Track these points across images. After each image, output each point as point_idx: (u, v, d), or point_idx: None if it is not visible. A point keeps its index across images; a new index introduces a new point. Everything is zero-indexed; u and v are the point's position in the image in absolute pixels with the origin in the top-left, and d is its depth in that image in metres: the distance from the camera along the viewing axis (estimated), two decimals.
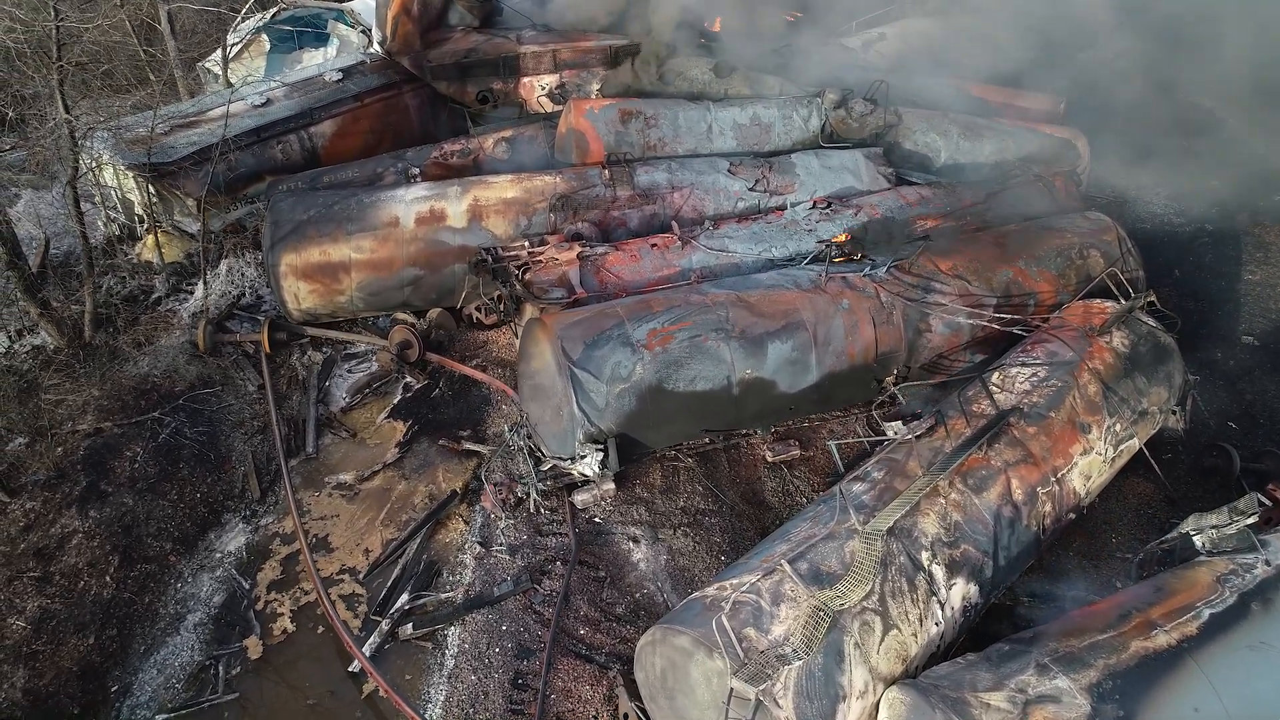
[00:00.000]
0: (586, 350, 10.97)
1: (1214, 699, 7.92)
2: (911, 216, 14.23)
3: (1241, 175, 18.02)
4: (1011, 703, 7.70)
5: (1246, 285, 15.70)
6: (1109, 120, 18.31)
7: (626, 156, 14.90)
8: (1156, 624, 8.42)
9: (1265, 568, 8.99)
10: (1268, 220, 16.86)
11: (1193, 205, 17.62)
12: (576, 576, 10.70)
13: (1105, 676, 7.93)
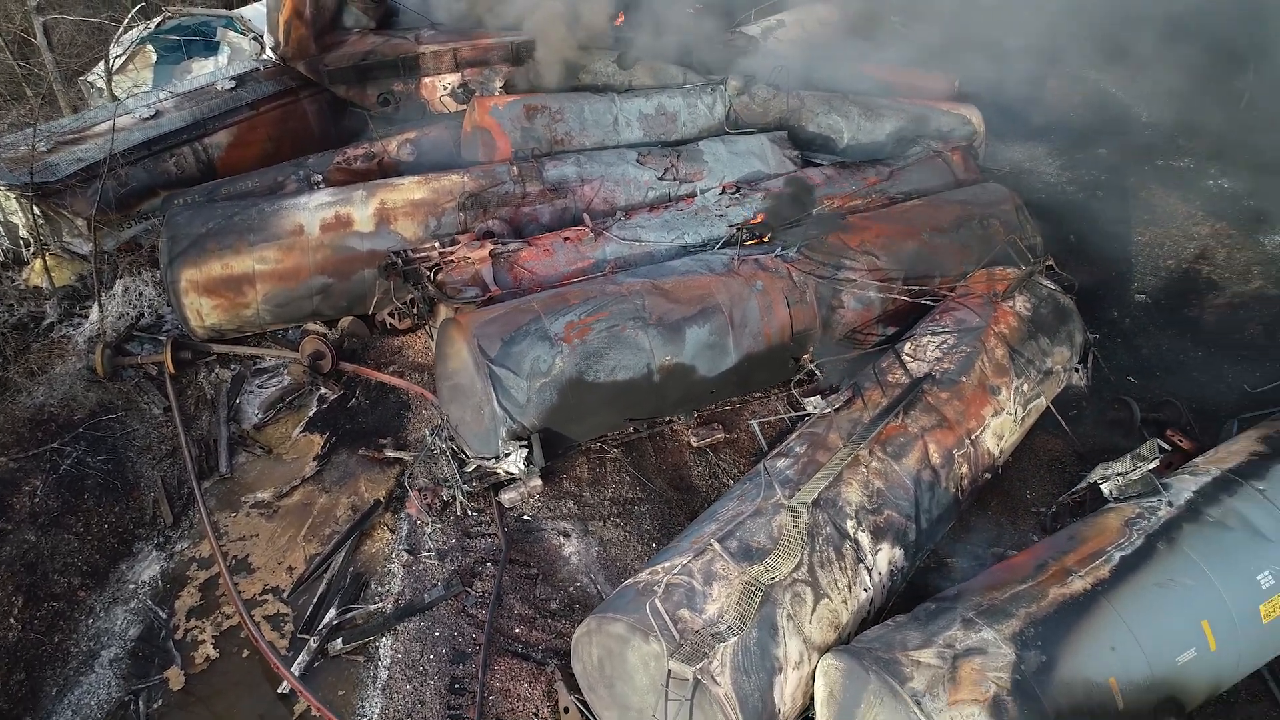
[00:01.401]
0: (504, 347, 10.87)
1: (1128, 636, 8.25)
2: (819, 196, 14.44)
3: (1127, 142, 18.83)
4: (941, 658, 7.89)
5: (1137, 246, 16.39)
6: (1002, 95, 18.90)
7: (534, 152, 14.80)
8: (1072, 570, 8.73)
9: (1168, 509, 9.39)
10: (1153, 184, 17.62)
11: (1084, 173, 18.33)
12: (508, 575, 10.59)
13: (1027, 625, 8.18)
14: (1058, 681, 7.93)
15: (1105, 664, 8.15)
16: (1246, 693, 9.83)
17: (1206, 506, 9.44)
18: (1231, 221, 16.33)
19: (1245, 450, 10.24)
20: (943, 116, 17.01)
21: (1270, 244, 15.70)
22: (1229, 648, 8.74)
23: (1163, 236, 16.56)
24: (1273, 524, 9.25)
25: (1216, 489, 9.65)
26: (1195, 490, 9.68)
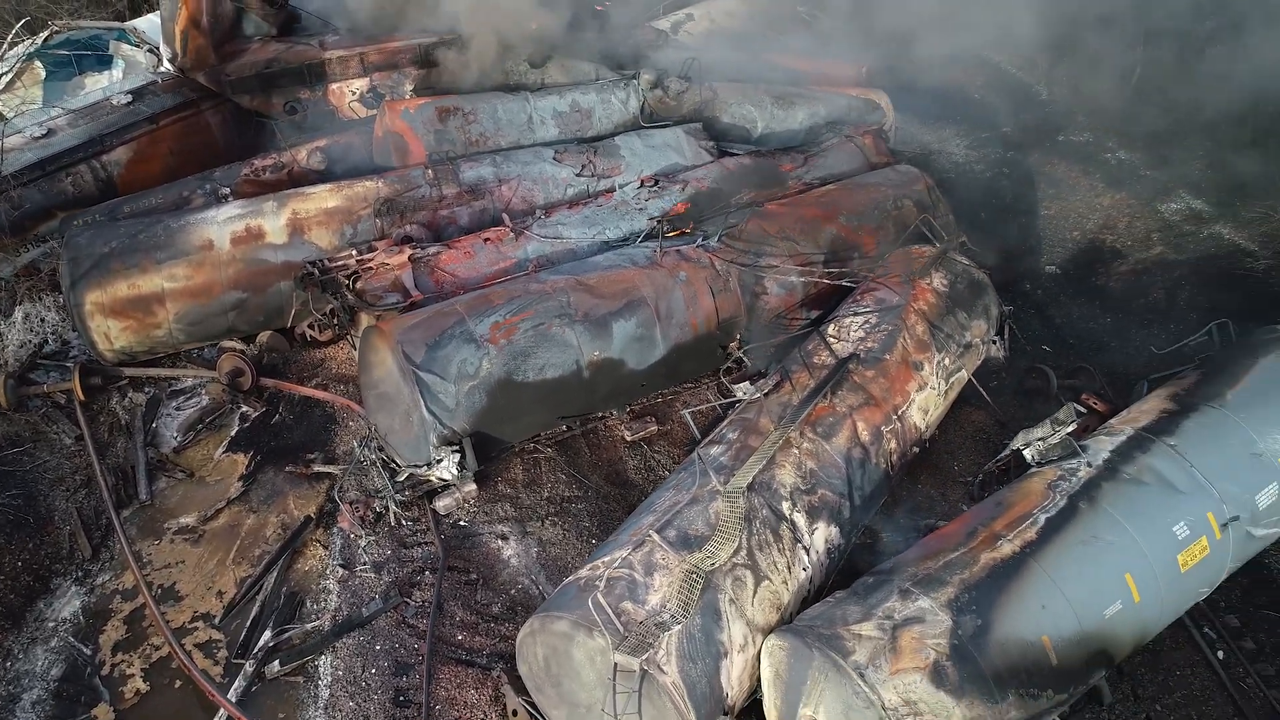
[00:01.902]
0: (429, 352, 10.70)
1: (1057, 594, 8.52)
2: (737, 186, 14.57)
3: (1029, 121, 19.45)
4: (881, 629, 8.04)
5: (1044, 219, 16.95)
6: (908, 80, 19.34)
7: (449, 154, 14.61)
8: (1000, 535, 8.98)
9: (1088, 469, 9.73)
10: (1055, 159, 18.24)
11: (990, 152, 18.88)
12: (447, 583, 10.44)
13: (961, 591, 8.39)
14: (994, 643, 8.15)
15: (1038, 622, 8.40)
16: (1171, 640, 10.24)
17: (1123, 465, 9.81)
18: (1130, 192, 16.99)
19: (1155, 409, 10.67)
20: (852, 102, 17.32)
21: (1168, 211, 16.37)
22: (1152, 598, 9.09)
23: (1067, 209, 17.15)
24: (1185, 477, 9.66)
25: (1131, 447, 10.03)
26: (1112, 450, 10.05)
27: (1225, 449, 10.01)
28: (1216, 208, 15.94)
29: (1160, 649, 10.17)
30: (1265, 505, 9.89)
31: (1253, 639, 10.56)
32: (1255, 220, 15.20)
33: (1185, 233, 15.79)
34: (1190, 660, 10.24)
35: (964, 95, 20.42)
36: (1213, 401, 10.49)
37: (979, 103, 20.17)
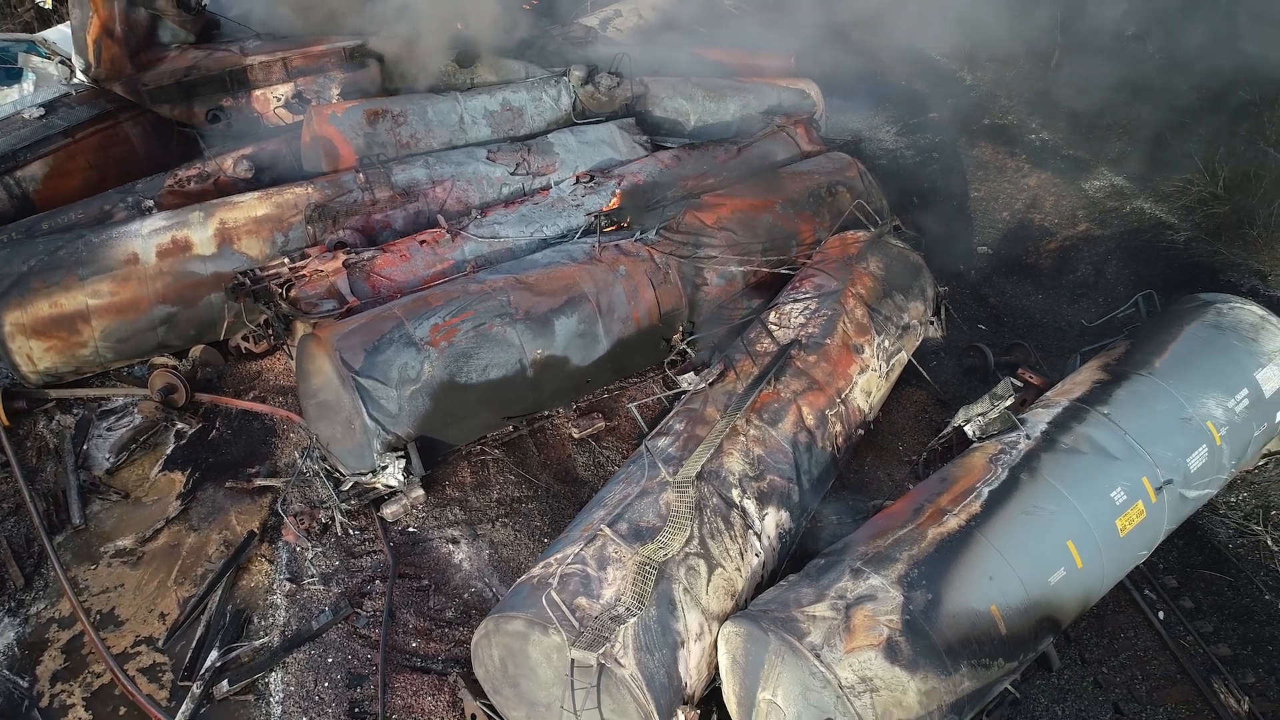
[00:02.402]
0: (369, 357, 10.52)
1: (1003, 565, 8.70)
2: (673, 179, 14.60)
3: (955, 105, 19.83)
4: (834, 609, 8.12)
5: (974, 201, 17.30)
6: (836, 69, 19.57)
7: (380, 157, 14.37)
8: (946, 510, 9.13)
9: (1027, 441, 9.95)
10: (982, 141, 18.63)
11: (919, 137, 19.21)
12: (399, 590, 10.28)
13: (911, 567, 8.51)
14: (945, 616, 8.29)
15: (986, 593, 8.57)
16: (1114, 604, 10.54)
17: (1060, 435, 10.05)
18: (1055, 171, 17.43)
19: (1089, 380, 10.96)
20: (782, 92, 17.47)
21: (1091, 189, 16.83)
22: (1093, 563, 9.33)
23: (996, 190, 17.53)
24: (1119, 444, 9.93)
25: (1067, 418, 10.29)
26: (1049, 421, 10.30)
27: (1156, 415, 10.33)
28: (1137, 183, 16.43)
29: (1104, 613, 10.45)
30: (1196, 468, 10.23)
31: (1191, 598, 10.92)
32: (1174, 194, 15.71)
33: (1109, 209, 16.25)
34: (1133, 622, 10.55)
35: (891, 83, 20.74)
36: (1142, 370, 10.81)
37: (906, 90, 20.51)
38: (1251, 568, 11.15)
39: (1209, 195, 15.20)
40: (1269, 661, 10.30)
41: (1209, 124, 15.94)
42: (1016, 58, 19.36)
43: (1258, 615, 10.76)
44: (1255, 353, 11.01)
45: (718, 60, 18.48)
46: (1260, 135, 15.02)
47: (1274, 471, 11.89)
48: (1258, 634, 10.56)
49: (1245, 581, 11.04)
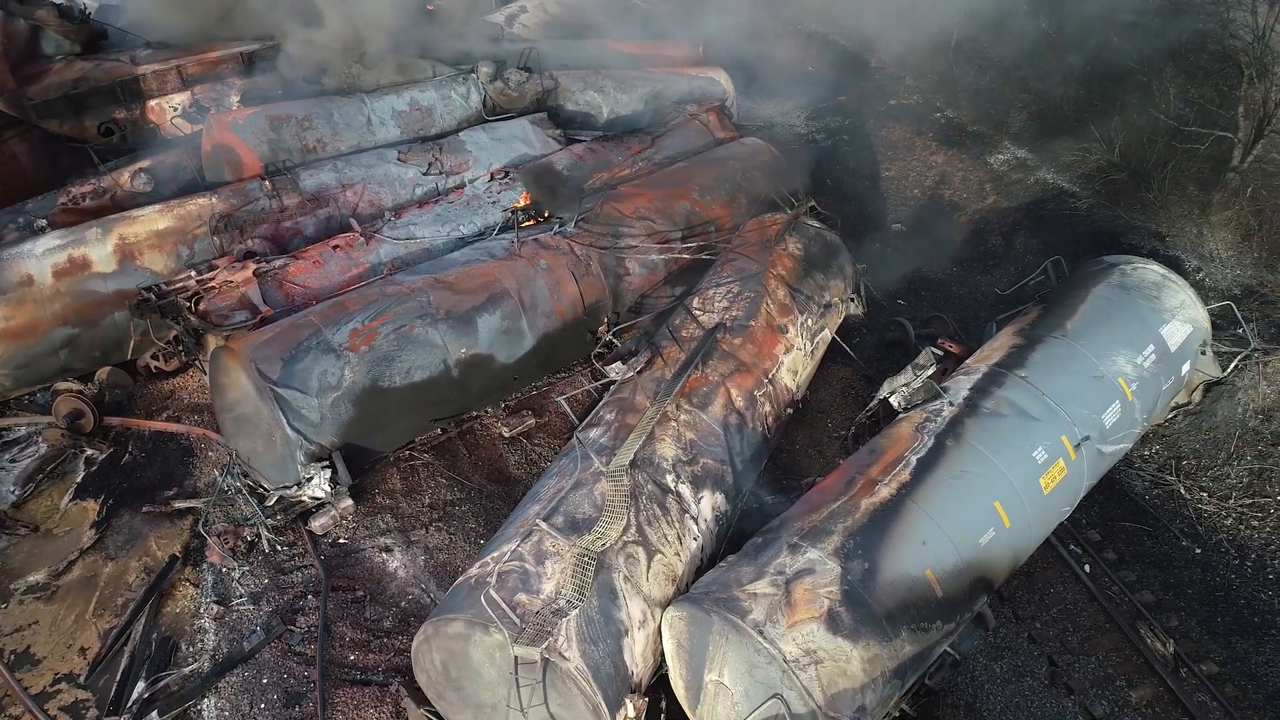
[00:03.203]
0: (286, 366, 10.21)
1: (935, 529, 8.85)
2: (588, 171, 14.53)
3: (862, 88, 20.17)
4: (774, 585, 8.15)
5: (886, 180, 17.62)
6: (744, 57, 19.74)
7: (286, 163, 13.97)
8: (877, 480, 9.26)
9: (950, 408, 10.16)
10: (890, 122, 18.99)
11: (829, 120, 19.49)
12: (333, 603, 10.00)
13: (846, 538, 8.60)
14: (882, 584, 8.40)
15: (920, 558, 8.71)
16: (1042, 561, 10.83)
17: (982, 400, 10.29)
18: (961, 148, 17.87)
19: (1005, 345, 11.24)
20: (693, 81, 17.55)
21: (996, 163, 17.30)
22: (1020, 522, 9.57)
23: (906, 169, 17.89)
24: (1038, 405, 10.21)
25: (987, 383, 10.53)
26: (970, 388, 10.52)
27: (1071, 375, 10.63)
28: (1039, 155, 16.94)
29: (1034, 570, 10.74)
30: (1111, 423, 10.57)
31: (1113, 549, 11.28)
32: (1074, 163, 16.23)
33: (1014, 181, 16.72)
34: (1061, 577, 10.86)
35: (799, 69, 21.00)
36: (1055, 333, 11.13)
37: (813, 75, 20.80)
38: (1168, 516, 11.59)
39: (1107, 163, 15.75)
40: (1189, 604, 10.72)
41: (1103, 94, 16.51)
42: (918, 39, 19.77)
43: (1176, 561, 11.19)
44: (1159, 310, 11.43)
45: (627, 52, 18.48)
46: (1150, 103, 15.61)
47: (1183, 423, 12.37)
48: (1177, 579, 10.98)
49: (1163, 530, 11.46)
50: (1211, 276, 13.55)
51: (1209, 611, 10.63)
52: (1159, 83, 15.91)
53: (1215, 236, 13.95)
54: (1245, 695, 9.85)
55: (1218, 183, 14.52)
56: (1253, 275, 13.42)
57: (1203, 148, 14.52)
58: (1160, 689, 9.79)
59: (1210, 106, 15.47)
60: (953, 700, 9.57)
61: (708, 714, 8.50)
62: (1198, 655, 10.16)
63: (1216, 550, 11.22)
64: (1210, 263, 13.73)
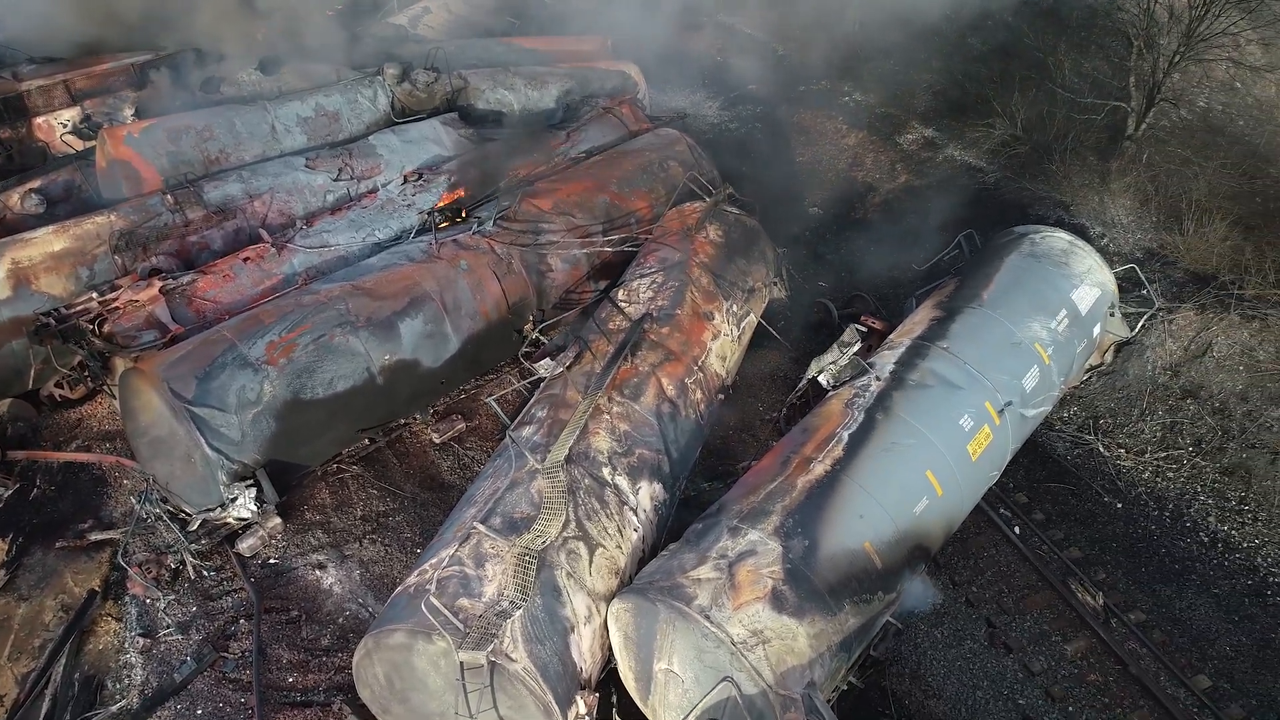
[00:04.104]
0: (201, 384, 9.83)
1: (871, 502, 8.97)
2: (505, 169, 14.35)
3: (771, 76, 20.35)
4: (718, 569, 8.15)
5: (800, 165, 17.83)
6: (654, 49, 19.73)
7: (189, 176, 13.45)
8: (811, 458, 9.34)
9: (878, 382, 10.31)
10: (800, 108, 19.21)
11: (741, 109, 19.63)
12: (267, 626, 9.68)
13: (785, 517, 8.65)
14: (823, 559, 8.47)
15: (858, 531, 8.82)
16: (974, 526, 11.08)
17: (907, 373, 10.47)
18: (871, 130, 18.18)
19: (926, 318, 11.47)
20: (604, 75, 17.47)
21: (905, 143, 17.65)
22: (952, 489, 9.77)
23: (819, 153, 18.13)
24: (961, 374, 10.43)
25: (911, 356, 10.73)
26: (895, 361, 10.71)
27: (990, 343, 10.90)
28: (945, 133, 17.33)
29: (967, 536, 10.98)
30: (1031, 387, 10.87)
31: (1040, 510, 11.62)
32: (979, 139, 16.66)
33: (923, 159, 17.08)
34: (994, 541, 11.13)
35: (708, 59, 21.10)
36: (972, 303, 11.39)
37: (723, 65, 20.90)
38: (1089, 474, 11.98)
39: (1010, 137, 16.20)
40: (1115, 557, 11.09)
41: (1002, 72, 16.97)
42: (822, 24, 20.05)
43: (1099, 517, 11.57)
44: (1069, 275, 11.80)
45: (535, 49, 18.29)
46: (1048, 77, 16.10)
47: (1098, 384, 12.80)
48: (1101, 533, 11.36)
49: (1086, 488, 11.84)
50: (1115, 241, 14.04)
51: (1133, 563, 11.03)
52: (1054, 58, 16.43)
53: (1116, 203, 14.47)
54: (1172, 639, 10.24)
55: (1115, 151, 15.07)
56: (1153, 238, 13.96)
57: (1099, 118, 15.05)
58: (1093, 640, 10.11)
59: (1103, 79, 16.04)
60: (898, 669, 9.73)
61: (660, 703, 8.47)
62: (1126, 605, 10.52)
63: (1137, 503, 11.64)
64: (1113, 228, 14.24)
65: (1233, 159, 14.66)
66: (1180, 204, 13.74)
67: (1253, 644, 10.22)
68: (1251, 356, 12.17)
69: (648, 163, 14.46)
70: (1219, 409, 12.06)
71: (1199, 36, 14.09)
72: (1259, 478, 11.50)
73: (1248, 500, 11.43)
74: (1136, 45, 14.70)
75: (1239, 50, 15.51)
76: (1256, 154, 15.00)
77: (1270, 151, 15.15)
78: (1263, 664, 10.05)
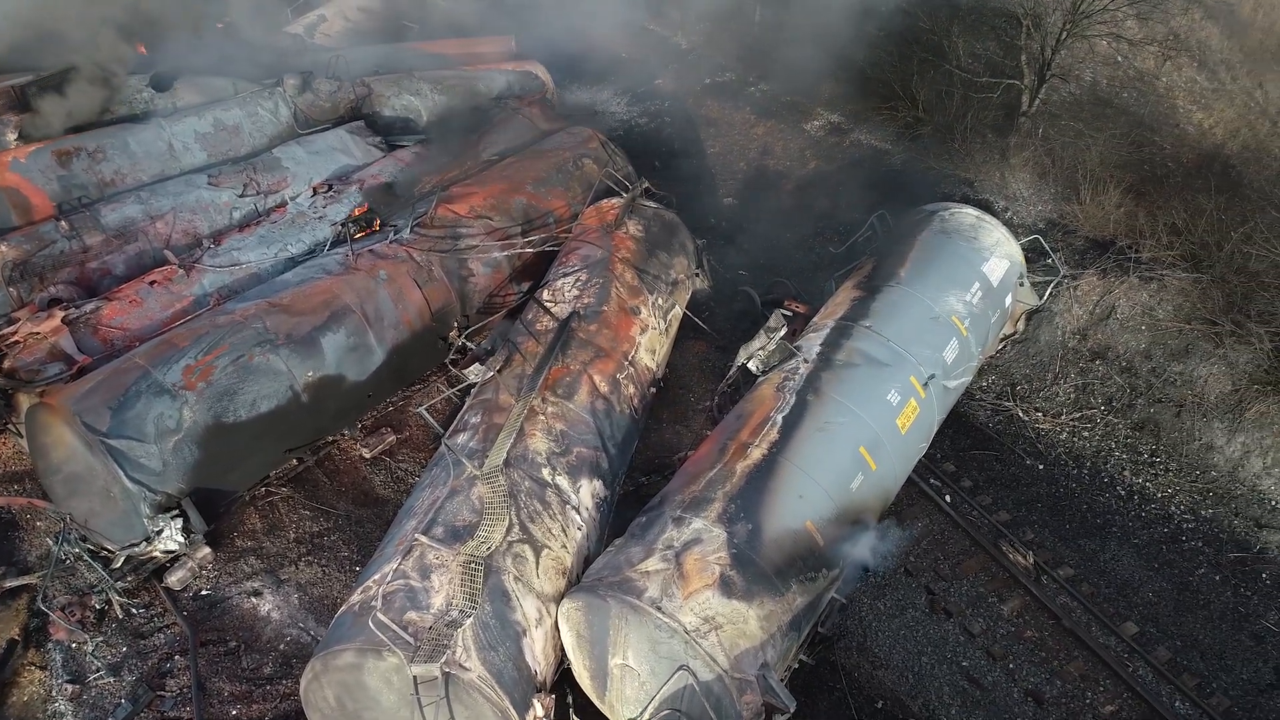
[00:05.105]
0: (115, 415, 9.43)
1: (809, 481, 9.14)
2: (417, 175, 14.14)
3: (677, 70, 20.49)
4: (665, 561, 8.19)
5: (712, 157, 18.00)
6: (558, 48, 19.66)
7: (83, 200, 12.88)
8: (748, 443, 9.46)
9: (806, 365, 10.50)
10: (708, 100, 19.38)
11: (649, 104, 19.70)
12: (204, 659, 9.36)
13: (727, 503, 8.74)
14: (767, 542, 8.59)
15: (799, 511, 8.96)
16: (908, 498, 11.38)
17: (833, 353, 10.68)
18: (778, 118, 18.44)
19: (847, 299, 11.71)
20: (510, 76, 17.34)
21: (813, 129, 17.96)
22: (885, 463, 10.01)
23: (730, 144, 18.32)
24: (885, 351, 10.69)
25: (836, 336, 10.95)
26: (821, 343, 10.91)
27: (910, 319, 11.19)
28: (850, 118, 17.70)
29: (902, 508, 11.26)
30: (952, 359, 11.20)
31: (968, 477, 11.99)
32: (883, 122, 17.07)
33: (831, 145, 17.42)
34: (927, 510, 11.44)
35: (612, 56, 21.11)
36: (890, 281, 11.68)
37: (628, 60, 20.94)
38: (1011, 439, 12.42)
39: (913, 119, 16.65)
40: (1041, 517, 11.53)
41: (901, 55, 17.41)
42: (723, 16, 20.27)
43: (1023, 479, 12.01)
44: (979, 249, 12.19)
45: (439, 52, 18.04)
46: (944, 59, 16.59)
47: (1012, 352, 13.27)
48: (1026, 495, 11.79)
49: (1008, 453, 12.28)
50: (1018, 214, 14.57)
51: (1058, 520, 11.48)
52: (949, 41, 16.94)
53: (1016, 177, 15.01)
54: (1099, 591, 10.70)
55: (1012, 128, 15.61)
56: (1053, 209, 14.53)
57: (995, 96, 15.58)
58: (1027, 598, 10.49)
59: (996, 59, 16.60)
60: (845, 643, 9.93)
61: (617, 699, 8.48)
62: (1054, 562, 10.95)
63: (1057, 464, 12.12)
64: (1015, 201, 14.77)
65: (1121, 129, 15.35)
66: (1076, 174, 14.33)
67: (1173, 588, 10.75)
68: (1152, 316, 12.77)
69: (562, 162, 14.42)
70: (1126, 368, 12.63)
71: (1082, 14, 14.72)
72: (1167, 430, 12.09)
73: (1158, 453, 12.01)
74: (1025, 25, 15.27)
75: (1118, 26, 16.23)
76: (1142, 123, 15.74)
77: (1154, 120, 15.92)
78: (1183, 606, 10.59)
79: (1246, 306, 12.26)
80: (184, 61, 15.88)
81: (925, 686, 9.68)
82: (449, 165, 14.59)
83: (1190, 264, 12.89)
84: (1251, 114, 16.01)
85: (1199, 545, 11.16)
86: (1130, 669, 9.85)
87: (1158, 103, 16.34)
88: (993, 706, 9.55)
